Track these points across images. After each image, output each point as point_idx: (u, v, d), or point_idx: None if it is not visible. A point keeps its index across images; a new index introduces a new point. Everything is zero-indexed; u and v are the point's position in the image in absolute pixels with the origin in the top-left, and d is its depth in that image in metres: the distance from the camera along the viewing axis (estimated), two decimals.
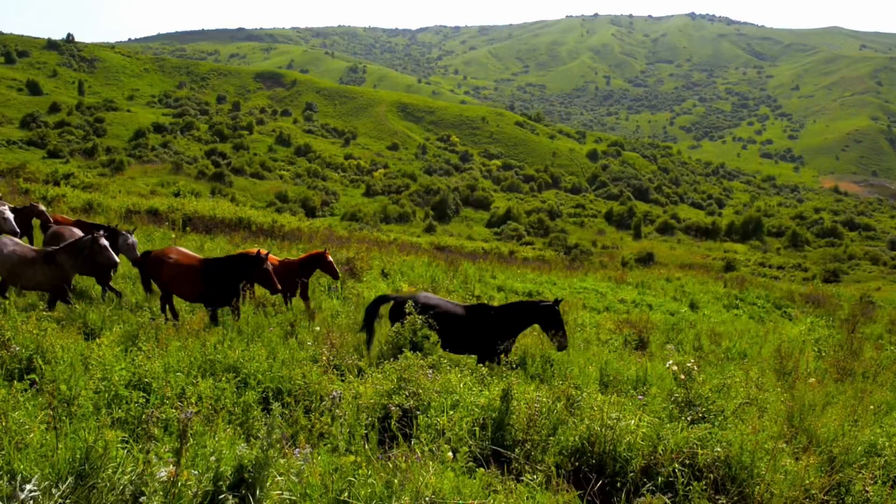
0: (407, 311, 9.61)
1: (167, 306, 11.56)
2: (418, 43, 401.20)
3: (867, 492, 6.01)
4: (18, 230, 13.21)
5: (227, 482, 4.25)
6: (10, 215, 13.22)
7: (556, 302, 9.82)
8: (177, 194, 45.23)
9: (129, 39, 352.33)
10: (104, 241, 10.43)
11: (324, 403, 6.61)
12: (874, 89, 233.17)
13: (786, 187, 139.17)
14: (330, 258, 12.97)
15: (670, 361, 8.28)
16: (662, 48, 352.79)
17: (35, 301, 10.75)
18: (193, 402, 7.28)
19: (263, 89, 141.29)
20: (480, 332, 9.82)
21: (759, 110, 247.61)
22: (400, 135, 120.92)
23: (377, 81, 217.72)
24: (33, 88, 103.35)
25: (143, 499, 4.06)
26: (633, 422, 6.60)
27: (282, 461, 4.70)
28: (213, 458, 4.34)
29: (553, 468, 5.83)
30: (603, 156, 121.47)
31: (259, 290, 12.70)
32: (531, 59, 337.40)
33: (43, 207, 16.05)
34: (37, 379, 6.57)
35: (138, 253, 12.49)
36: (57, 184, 36.61)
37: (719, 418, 7.15)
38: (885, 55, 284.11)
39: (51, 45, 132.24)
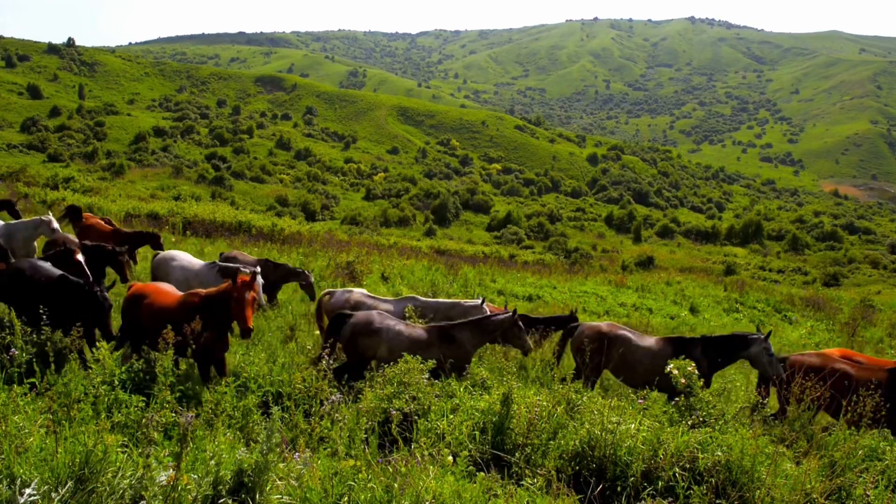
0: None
1: None
2: (418, 47, 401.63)
3: (868, 496, 6.00)
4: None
5: (227, 486, 4.25)
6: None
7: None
8: (177, 198, 45.26)
9: (130, 43, 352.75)
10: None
11: (323, 407, 6.61)
12: (874, 93, 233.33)
13: (786, 191, 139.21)
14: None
15: (670, 365, 8.27)
16: (662, 52, 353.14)
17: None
18: (193, 406, 7.28)
19: (264, 93, 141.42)
20: None
21: (758, 114, 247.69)
22: (400, 139, 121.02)
23: (377, 85, 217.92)
24: (34, 92, 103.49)
25: (142, 503, 4.05)
26: (633, 426, 6.60)
27: (281, 465, 4.69)
28: (212, 462, 4.33)
29: (553, 472, 5.83)
30: (603, 160, 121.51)
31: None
32: (531, 63, 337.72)
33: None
34: (37, 383, 6.56)
35: None
36: (56, 188, 36.63)
37: (720, 422, 7.14)
38: (885, 59, 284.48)
39: (51, 49, 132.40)
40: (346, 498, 4.45)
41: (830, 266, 61.27)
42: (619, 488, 6.08)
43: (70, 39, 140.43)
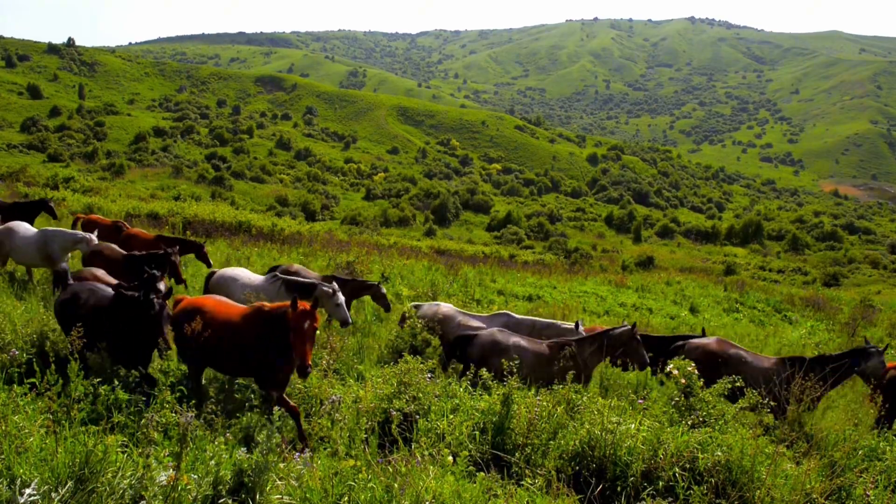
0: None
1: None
2: (418, 47, 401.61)
3: (868, 496, 6.00)
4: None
5: (227, 486, 4.24)
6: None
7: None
8: (177, 198, 45.24)
9: (130, 43, 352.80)
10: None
11: (323, 407, 6.61)
12: (874, 93, 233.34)
13: (786, 191, 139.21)
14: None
15: (671, 365, 8.27)
16: (662, 52, 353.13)
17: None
18: (193, 406, 7.25)
19: (264, 93, 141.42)
20: None
21: (758, 114, 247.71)
22: (400, 139, 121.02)
23: (377, 85, 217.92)
24: (34, 92, 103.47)
25: (142, 503, 4.05)
26: (633, 426, 6.60)
27: (281, 465, 4.69)
28: (212, 462, 4.33)
29: (553, 472, 5.83)
30: (603, 160, 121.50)
31: None
32: (531, 63, 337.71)
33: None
34: (37, 383, 6.56)
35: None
36: (57, 188, 36.61)
37: (720, 422, 7.14)
38: (885, 59, 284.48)
39: (51, 49, 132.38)
40: (346, 498, 4.45)
41: (830, 266, 61.26)
42: (619, 488, 6.08)
43: (70, 39, 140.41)
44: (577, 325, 10.67)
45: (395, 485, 4.63)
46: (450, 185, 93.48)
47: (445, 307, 11.08)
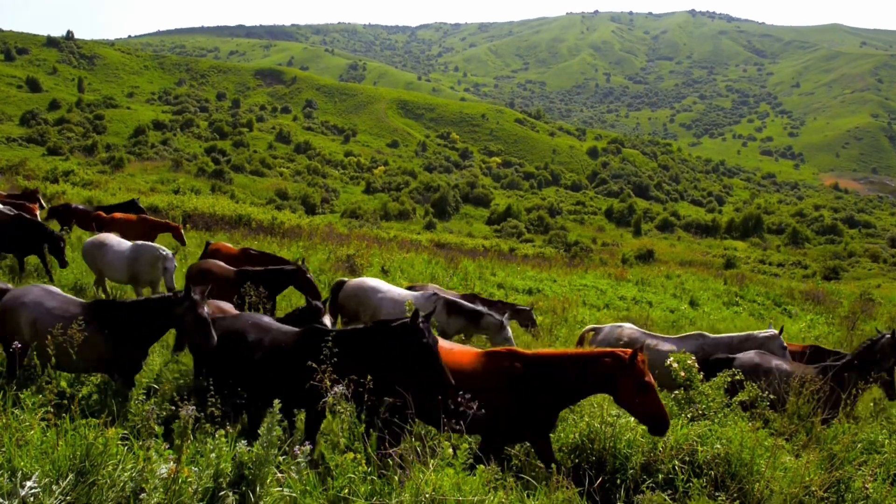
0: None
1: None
2: (418, 40, 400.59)
3: (867, 489, 6.02)
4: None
5: (228, 479, 4.26)
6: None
7: None
8: (177, 191, 45.21)
9: (129, 36, 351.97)
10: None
11: (325, 401, 6.61)
12: (875, 86, 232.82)
13: (786, 184, 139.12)
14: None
15: (670, 358, 8.28)
16: (663, 45, 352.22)
17: None
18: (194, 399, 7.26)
19: (263, 86, 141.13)
20: None
21: (759, 107, 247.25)
22: (400, 132, 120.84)
23: (377, 78, 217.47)
24: (33, 85, 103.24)
25: (143, 495, 4.06)
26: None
27: (282, 458, 4.70)
28: (213, 455, 4.34)
29: (553, 465, 5.84)
30: (603, 153, 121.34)
31: None
32: (531, 56, 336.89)
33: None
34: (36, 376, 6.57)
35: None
36: (56, 181, 36.59)
37: (719, 415, 7.16)
38: (886, 52, 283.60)
39: (50, 42, 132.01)
40: (346, 490, 4.46)
41: (830, 260, 61.27)
42: (618, 481, 6.10)
43: (69, 32, 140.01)
44: (779, 332, 9.89)
45: (396, 478, 4.64)
46: (450, 178, 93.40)
47: (629, 329, 10.18)
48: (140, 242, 12.03)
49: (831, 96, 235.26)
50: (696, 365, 8.08)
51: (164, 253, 11.50)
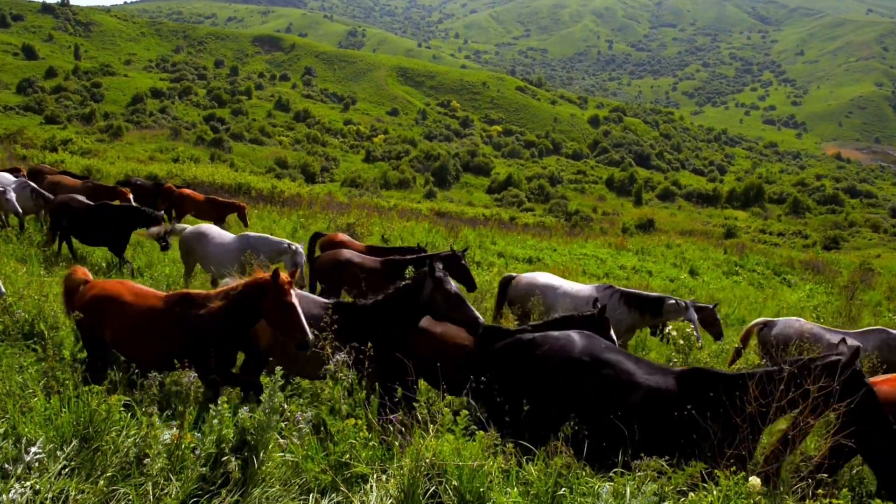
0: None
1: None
2: (418, 6, 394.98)
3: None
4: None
5: (230, 444, 4.30)
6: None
7: None
8: (176, 160, 45.08)
9: (125, 2, 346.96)
10: None
11: (327, 368, 6.66)
12: (880, 55, 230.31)
13: (788, 154, 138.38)
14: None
15: (669, 327, 8.32)
16: (666, 11, 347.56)
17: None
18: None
19: (262, 53, 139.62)
20: None
21: (762, 76, 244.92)
22: (400, 100, 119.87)
23: (377, 45, 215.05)
24: (29, 53, 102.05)
25: (146, 461, 4.11)
26: None
27: (283, 424, 4.75)
28: (215, 421, 4.38)
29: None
30: (604, 121, 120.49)
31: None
32: (533, 22, 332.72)
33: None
34: (38, 348, 6.61)
35: None
36: (55, 150, 36.45)
37: None
38: (892, 20, 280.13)
39: (45, 8, 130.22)
40: (347, 455, 4.52)
41: (831, 229, 61.22)
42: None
43: None
44: None
45: (396, 443, 4.69)
46: (450, 147, 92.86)
47: (807, 324, 9.40)
48: (251, 235, 11.13)
49: (836, 64, 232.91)
50: (695, 334, 8.09)
51: (294, 247, 10.65)
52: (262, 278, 5.60)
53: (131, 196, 15.57)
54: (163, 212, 13.32)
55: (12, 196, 12.79)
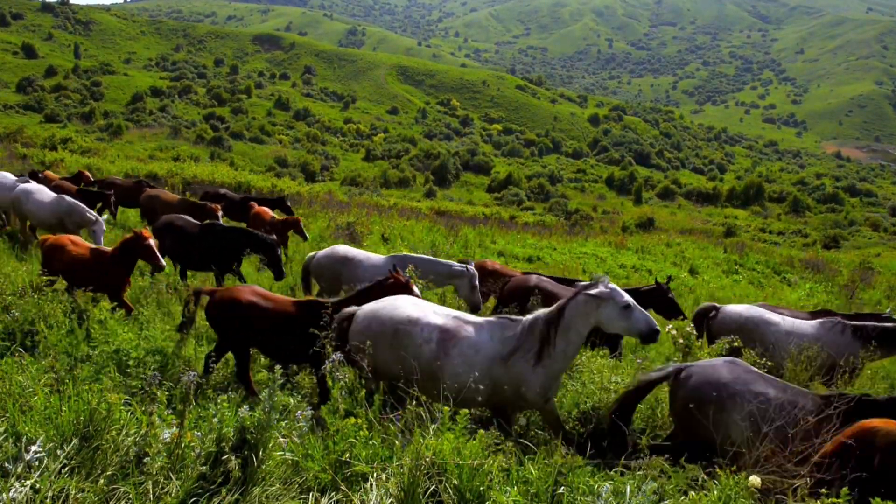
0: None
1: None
2: (418, 4, 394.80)
3: None
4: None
5: (230, 443, 4.31)
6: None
7: None
8: (176, 159, 45.05)
9: (125, 1, 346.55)
10: None
11: (325, 367, 6.66)
12: (880, 53, 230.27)
13: (788, 153, 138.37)
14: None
15: (669, 326, 8.32)
16: (666, 10, 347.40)
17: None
18: (197, 366, 7.33)
19: (262, 52, 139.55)
20: None
21: (762, 74, 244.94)
22: (400, 99, 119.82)
23: (377, 44, 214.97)
24: (29, 51, 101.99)
25: (146, 459, 4.11)
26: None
27: (284, 423, 4.75)
28: (215, 419, 4.38)
29: (550, 430, 5.90)
30: (604, 120, 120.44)
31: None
32: (533, 21, 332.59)
33: None
34: (38, 344, 6.60)
35: None
36: (55, 148, 36.41)
37: None
38: (892, 18, 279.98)
39: (45, 7, 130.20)
40: (347, 454, 4.52)
41: (831, 228, 61.16)
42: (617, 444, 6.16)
43: None
44: None
45: (397, 442, 4.69)
46: (450, 145, 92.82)
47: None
48: (409, 256, 10.30)
49: (836, 63, 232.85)
50: (695, 333, 8.11)
51: (470, 270, 9.85)
52: None
53: (220, 212, 14.61)
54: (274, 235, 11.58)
55: (101, 229, 11.96)
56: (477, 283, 9.75)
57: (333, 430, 4.73)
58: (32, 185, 13.10)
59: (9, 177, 14.12)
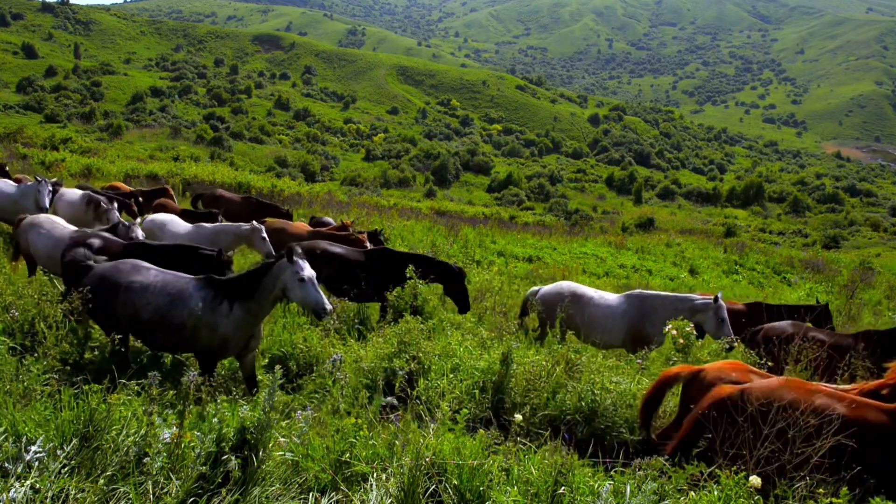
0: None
1: None
2: (418, 4, 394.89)
3: None
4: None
5: (230, 443, 4.31)
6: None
7: None
8: (176, 159, 45.01)
9: (125, 1, 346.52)
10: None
11: (325, 367, 6.66)
12: (880, 53, 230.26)
13: (788, 153, 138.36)
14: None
15: (669, 325, 8.32)
16: (666, 10, 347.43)
17: None
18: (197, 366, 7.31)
19: (262, 52, 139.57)
20: None
21: (762, 74, 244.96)
22: (400, 99, 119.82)
23: (377, 44, 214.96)
24: (29, 52, 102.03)
25: (146, 459, 4.11)
26: (632, 385, 6.67)
27: (284, 423, 4.75)
28: (215, 420, 4.38)
29: (549, 430, 5.90)
30: (604, 120, 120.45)
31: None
32: (533, 21, 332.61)
33: None
34: (39, 345, 6.60)
35: None
36: (55, 148, 36.38)
37: None
38: (892, 18, 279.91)
39: (45, 7, 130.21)
40: (347, 454, 4.52)
41: (831, 228, 61.12)
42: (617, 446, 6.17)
43: None
44: None
45: (397, 442, 4.69)
46: (450, 145, 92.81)
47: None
48: (645, 293, 9.71)
49: (835, 63, 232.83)
50: (695, 332, 8.11)
51: (719, 303, 9.06)
52: None
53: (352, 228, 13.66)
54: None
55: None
56: (725, 315, 8.89)
57: (333, 429, 4.74)
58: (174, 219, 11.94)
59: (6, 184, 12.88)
